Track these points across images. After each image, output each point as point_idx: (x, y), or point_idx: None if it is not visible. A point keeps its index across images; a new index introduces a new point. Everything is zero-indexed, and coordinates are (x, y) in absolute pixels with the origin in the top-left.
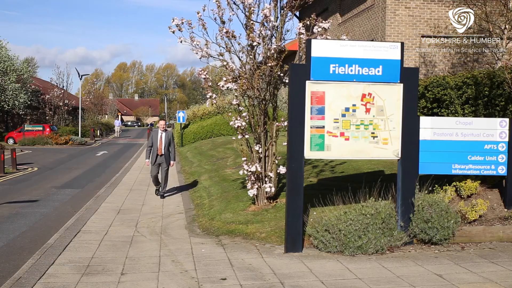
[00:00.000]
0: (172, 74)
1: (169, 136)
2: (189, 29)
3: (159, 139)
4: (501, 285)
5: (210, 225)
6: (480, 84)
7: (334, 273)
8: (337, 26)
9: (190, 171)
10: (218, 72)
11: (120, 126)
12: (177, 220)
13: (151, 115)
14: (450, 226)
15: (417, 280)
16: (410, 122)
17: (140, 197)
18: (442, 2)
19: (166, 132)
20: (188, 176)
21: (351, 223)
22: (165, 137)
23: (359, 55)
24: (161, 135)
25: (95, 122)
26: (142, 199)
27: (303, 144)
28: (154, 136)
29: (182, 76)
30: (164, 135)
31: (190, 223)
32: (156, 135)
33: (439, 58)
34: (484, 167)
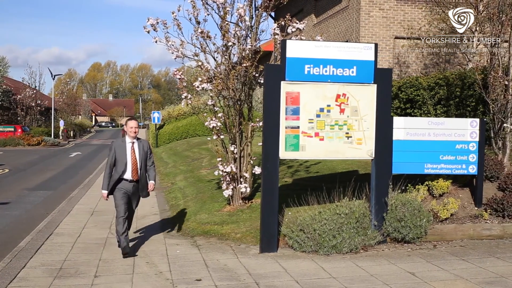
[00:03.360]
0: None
1: (145, 148)
2: (164, 29)
3: (130, 154)
4: (471, 281)
5: (185, 226)
6: (452, 85)
7: (309, 272)
8: (312, 27)
9: (165, 172)
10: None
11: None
12: (152, 222)
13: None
14: (423, 225)
15: (390, 279)
16: (383, 123)
17: None
18: (415, 4)
19: (139, 142)
20: (163, 177)
21: (326, 223)
22: (140, 150)
23: (334, 56)
24: (133, 147)
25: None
26: None
27: (278, 145)
28: (119, 151)
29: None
30: (137, 146)
31: (165, 224)
32: (123, 148)
33: (412, 59)
34: (455, 167)
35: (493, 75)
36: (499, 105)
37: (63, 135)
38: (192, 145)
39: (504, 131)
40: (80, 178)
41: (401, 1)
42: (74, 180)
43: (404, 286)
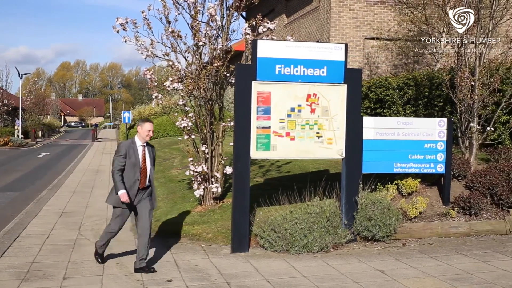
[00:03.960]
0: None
1: (153, 153)
2: (134, 29)
3: (141, 158)
4: (439, 278)
5: (156, 227)
6: (420, 85)
7: (280, 272)
8: (283, 27)
9: None
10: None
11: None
12: None
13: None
14: (392, 223)
15: (360, 277)
16: (354, 122)
17: (83, 199)
18: (384, 5)
19: (148, 147)
20: None
21: (297, 222)
22: (150, 155)
23: (305, 56)
24: (144, 152)
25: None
26: (86, 202)
27: (249, 144)
28: (131, 154)
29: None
30: (147, 151)
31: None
32: (136, 152)
33: (381, 59)
34: (424, 166)
35: (460, 76)
36: (466, 105)
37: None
38: (163, 145)
39: (471, 131)
40: (48, 179)
41: (370, 2)
42: (43, 181)
43: (374, 284)
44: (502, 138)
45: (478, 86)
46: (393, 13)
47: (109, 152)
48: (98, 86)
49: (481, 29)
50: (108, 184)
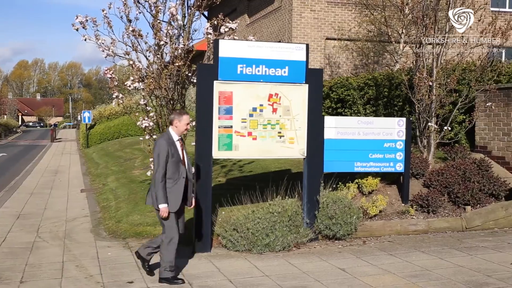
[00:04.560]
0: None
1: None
2: (94, 27)
3: (181, 153)
4: (398, 275)
5: (117, 228)
6: (380, 85)
7: (242, 271)
8: (245, 27)
9: (96, 173)
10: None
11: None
12: (82, 224)
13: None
14: (353, 222)
15: (321, 275)
16: (315, 122)
17: (42, 201)
18: (345, 6)
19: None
20: (94, 178)
21: (259, 222)
22: (185, 151)
23: (266, 56)
24: (182, 148)
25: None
26: (44, 203)
27: (211, 144)
28: (173, 152)
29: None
30: (181, 145)
31: (95, 226)
32: (176, 148)
33: (342, 59)
34: (383, 165)
35: (418, 76)
36: (424, 105)
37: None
38: (124, 145)
39: (429, 130)
40: (5, 180)
41: (331, 3)
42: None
43: (335, 282)
44: (459, 137)
45: (435, 87)
46: (354, 14)
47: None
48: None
49: (438, 30)
50: (68, 185)
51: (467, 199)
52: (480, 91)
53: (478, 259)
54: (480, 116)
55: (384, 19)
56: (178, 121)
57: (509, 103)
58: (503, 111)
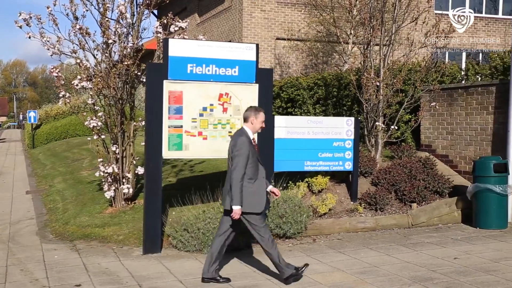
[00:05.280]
0: (22, 71)
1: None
2: (39, 24)
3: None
4: (347, 272)
5: (64, 230)
6: (329, 85)
7: (193, 272)
8: (195, 26)
9: (43, 174)
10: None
11: None
12: (27, 227)
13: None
14: (303, 220)
15: (272, 273)
16: (265, 121)
17: None
18: (295, 7)
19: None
20: (40, 179)
21: (210, 222)
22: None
23: (217, 56)
24: (256, 145)
25: None
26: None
27: (161, 144)
28: (252, 149)
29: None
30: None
31: (41, 228)
32: (252, 147)
33: (292, 60)
34: (333, 163)
35: (366, 76)
36: (372, 105)
37: None
38: (72, 146)
39: (376, 129)
40: None
41: (281, 3)
42: None
43: None
44: (405, 136)
45: (382, 87)
46: (303, 14)
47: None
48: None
49: (385, 32)
50: (12, 186)
51: (413, 197)
52: (425, 91)
53: (424, 254)
54: (425, 115)
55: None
56: (255, 118)
57: (452, 103)
58: (447, 111)
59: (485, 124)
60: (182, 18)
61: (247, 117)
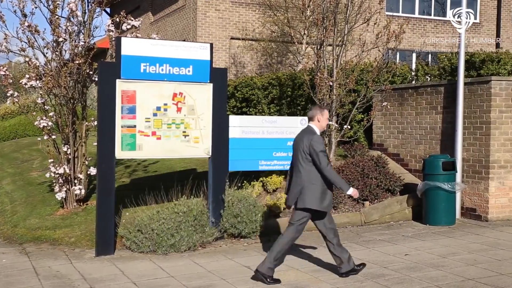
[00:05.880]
0: None
1: None
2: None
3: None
4: (302, 271)
5: (13, 233)
6: (283, 85)
7: (147, 273)
8: (149, 25)
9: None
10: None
11: None
12: None
13: None
14: (258, 220)
15: (227, 273)
16: (220, 121)
17: None
18: (249, 6)
19: None
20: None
21: (164, 222)
22: None
23: (170, 55)
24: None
25: None
26: None
27: (114, 144)
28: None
29: None
30: None
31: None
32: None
33: (247, 59)
34: (287, 163)
35: (320, 76)
36: (325, 104)
37: None
38: (21, 146)
39: (330, 129)
40: None
41: (236, 3)
42: None
43: (240, 279)
44: (358, 135)
45: (335, 87)
46: (258, 14)
47: None
48: None
49: (337, 32)
50: None
51: (365, 195)
52: (377, 91)
53: (376, 251)
54: (377, 115)
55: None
56: (321, 116)
57: (403, 103)
58: (398, 111)
59: (434, 123)
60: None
61: (313, 116)
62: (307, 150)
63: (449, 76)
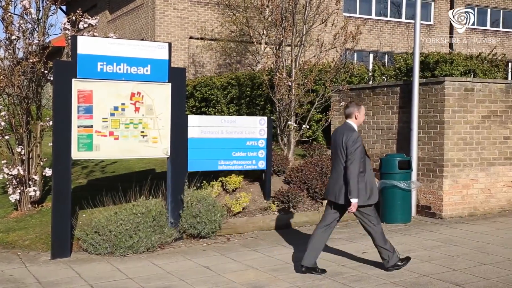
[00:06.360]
0: None
1: None
2: None
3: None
4: (261, 270)
5: None
6: (243, 85)
7: (105, 275)
8: (106, 23)
9: None
10: None
11: None
12: None
13: None
14: (217, 220)
15: (186, 274)
16: (178, 121)
17: None
18: (208, 6)
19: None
20: None
21: (122, 223)
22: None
23: (128, 54)
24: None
25: None
26: None
27: (70, 145)
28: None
29: None
30: None
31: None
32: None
33: (206, 59)
34: (246, 163)
35: (278, 76)
36: (284, 104)
37: None
38: None
39: (289, 128)
40: None
41: (194, 2)
42: None
43: (200, 280)
44: (316, 135)
45: (294, 87)
46: (217, 14)
47: None
48: None
49: (296, 33)
50: None
51: (324, 194)
52: (335, 91)
53: (334, 250)
54: (335, 115)
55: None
56: (358, 113)
57: (360, 102)
58: None
59: (390, 123)
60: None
61: (351, 113)
62: (345, 147)
63: (405, 76)
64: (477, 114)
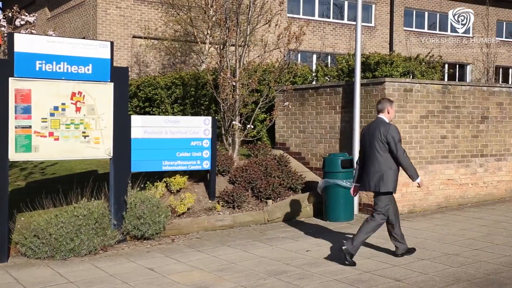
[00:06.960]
0: None
1: None
2: None
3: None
4: (206, 270)
5: None
6: (187, 85)
7: (44, 280)
8: (46, 21)
9: None
10: None
11: None
12: None
13: None
14: (161, 221)
15: (129, 276)
16: (121, 121)
17: None
18: (151, 5)
19: None
20: None
21: (63, 226)
22: None
23: (68, 53)
24: None
25: None
26: None
27: (7, 146)
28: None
29: None
30: None
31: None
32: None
33: (150, 58)
34: (191, 163)
35: (223, 76)
36: (229, 104)
37: None
38: None
39: (233, 128)
40: None
41: (138, 1)
42: None
43: (143, 282)
44: (261, 135)
45: (238, 87)
46: (160, 13)
47: None
48: None
49: (240, 33)
50: None
51: (268, 193)
52: (279, 91)
53: (279, 249)
54: (279, 115)
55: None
56: (390, 108)
57: (304, 102)
58: (299, 110)
59: (333, 122)
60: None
61: (383, 108)
62: (385, 139)
63: (347, 77)
64: (416, 114)
